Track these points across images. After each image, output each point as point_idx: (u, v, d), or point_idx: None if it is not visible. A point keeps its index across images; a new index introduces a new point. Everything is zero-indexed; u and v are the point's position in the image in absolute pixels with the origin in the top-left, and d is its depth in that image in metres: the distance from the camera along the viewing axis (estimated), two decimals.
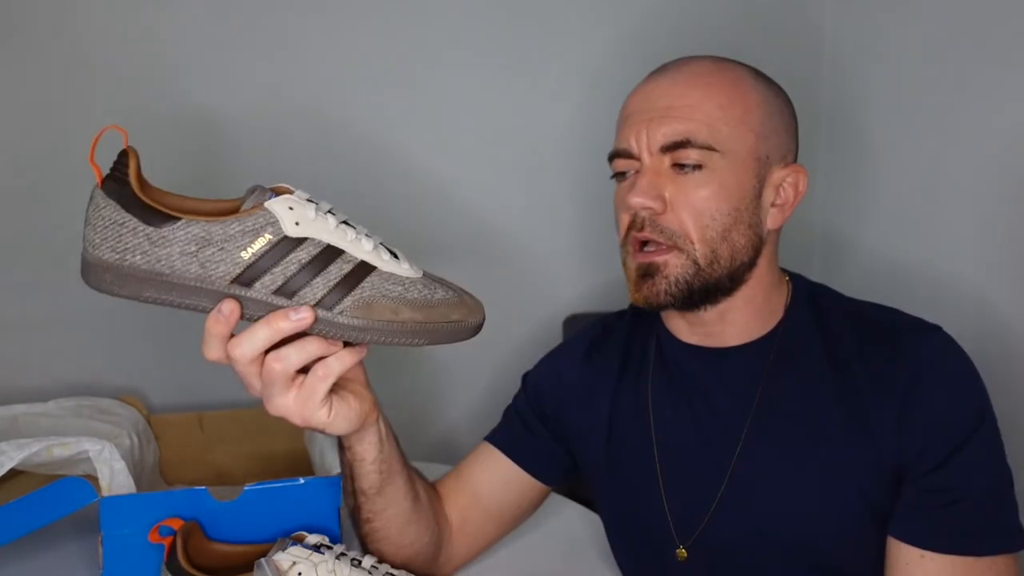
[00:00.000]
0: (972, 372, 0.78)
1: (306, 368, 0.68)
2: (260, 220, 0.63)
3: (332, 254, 0.65)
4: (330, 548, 0.79)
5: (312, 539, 0.79)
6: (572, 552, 1.03)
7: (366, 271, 0.66)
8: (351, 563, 0.78)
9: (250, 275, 0.64)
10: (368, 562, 0.80)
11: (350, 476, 0.81)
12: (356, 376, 0.76)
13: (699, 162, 0.80)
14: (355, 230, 0.67)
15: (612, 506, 0.94)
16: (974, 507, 0.75)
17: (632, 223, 0.83)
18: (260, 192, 0.65)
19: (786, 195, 0.84)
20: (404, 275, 0.67)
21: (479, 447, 0.98)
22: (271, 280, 0.64)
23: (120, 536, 0.87)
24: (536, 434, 0.97)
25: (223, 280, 0.64)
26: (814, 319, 0.85)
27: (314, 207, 0.65)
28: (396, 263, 0.67)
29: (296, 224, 0.64)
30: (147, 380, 1.30)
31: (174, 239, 0.63)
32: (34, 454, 0.90)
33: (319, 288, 0.65)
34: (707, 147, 0.80)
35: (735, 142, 0.81)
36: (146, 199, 0.64)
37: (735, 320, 0.85)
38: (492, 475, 0.95)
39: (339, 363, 0.68)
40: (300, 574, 0.74)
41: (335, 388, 0.71)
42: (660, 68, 0.86)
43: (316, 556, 0.76)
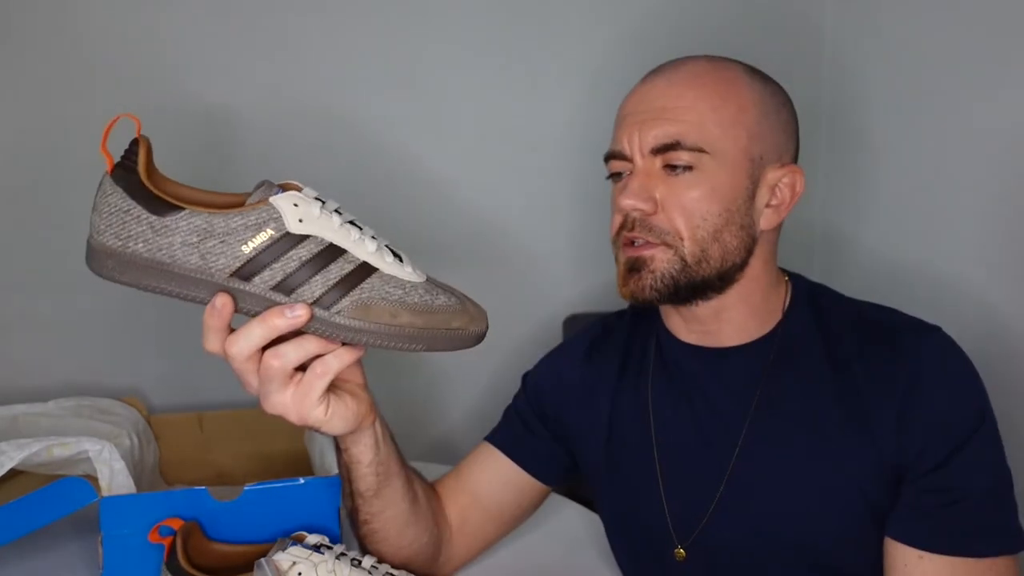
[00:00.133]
0: (972, 372, 0.79)
1: (304, 366, 0.68)
2: (263, 215, 0.63)
3: (334, 253, 0.65)
4: (330, 548, 0.79)
5: (312, 539, 0.79)
6: (572, 552, 1.03)
7: (367, 272, 0.65)
8: (351, 563, 0.78)
9: (250, 269, 0.63)
10: (368, 562, 0.80)
11: (347, 478, 0.82)
12: (354, 377, 0.75)
13: (689, 163, 0.80)
14: (360, 231, 0.66)
15: (612, 506, 0.94)
16: (973, 508, 0.75)
17: (624, 223, 0.83)
18: (267, 187, 0.64)
19: (782, 196, 0.84)
20: (406, 279, 0.66)
21: (479, 447, 0.98)
22: (270, 275, 0.64)
23: (120, 536, 0.87)
24: (536, 434, 0.97)
25: (223, 273, 0.63)
26: (814, 319, 0.85)
27: (319, 205, 0.65)
28: (399, 266, 0.67)
29: (299, 221, 0.63)
30: (147, 380, 1.30)
31: (176, 229, 0.63)
32: (34, 454, 0.90)
33: (318, 286, 0.64)
34: (697, 149, 0.80)
35: (727, 143, 0.80)
36: (152, 188, 0.63)
37: (732, 319, 0.85)
38: (492, 475, 0.95)
39: (337, 361, 0.68)
40: (300, 574, 0.74)
41: (332, 388, 0.71)
42: (656, 69, 0.86)
43: (316, 556, 0.76)
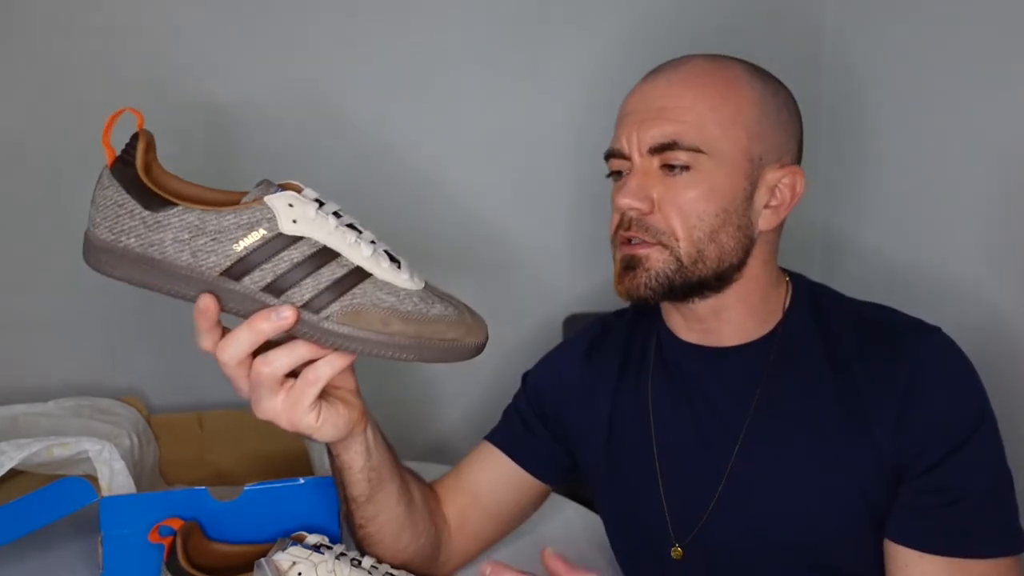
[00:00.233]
0: (972, 373, 0.78)
1: (296, 372, 0.67)
2: (257, 214, 0.62)
3: (327, 256, 0.63)
4: (330, 548, 0.79)
5: (312, 539, 0.79)
6: (572, 552, 1.03)
7: (360, 277, 0.64)
8: (351, 563, 0.78)
9: (240, 269, 0.62)
10: (368, 562, 0.80)
11: (340, 483, 0.81)
12: (346, 383, 0.74)
13: (687, 164, 0.80)
14: (358, 234, 0.65)
15: (612, 506, 0.94)
16: (973, 508, 0.75)
17: (621, 222, 0.83)
18: (265, 186, 0.63)
19: (782, 196, 0.83)
20: (401, 286, 0.65)
21: (479, 446, 0.98)
22: (260, 276, 0.62)
23: (120, 536, 0.87)
24: (536, 434, 0.97)
25: (213, 271, 0.62)
26: (814, 319, 0.85)
27: (315, 207, 0.63)
28: (395, 272, 0.65)
29: (293, 222, 0.62)
30: (147, 380, 1.30)
31: (168, 225, 0.62)
32: (34, 454, 0.91)
33: (308, 289, 0.63)
34: (694, 149, 0.79)
35: (726, 143, 0.80)
36: (148, 183, 0.62)
37: (731, 318, 0.85)
38: (492, 474, 0.95)
39: (329, 367, 0.66)
40: (300, 574, 0.74)
41: (324, 394, 0.70)
42: (657, 68, 0.86)
43: (316, 556, 0.76)
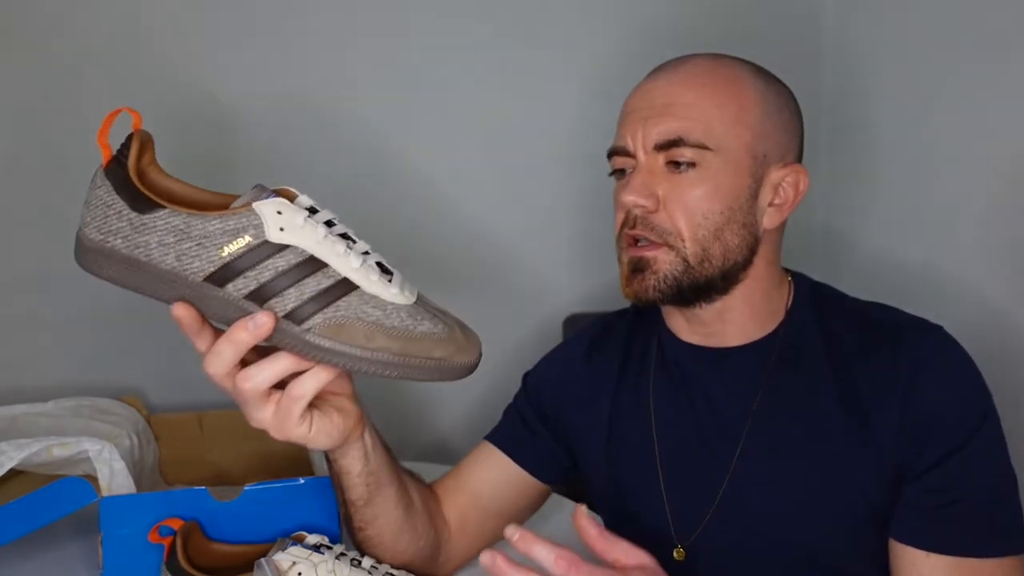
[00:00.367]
0: (974, 372, 0.78)
1: (286, 382, 0.66)
2: (243, 221, 0.61)
3: (313, 266, 0.62)
4: (330, 548, 0.79)
5: (312, 539, 0.79)
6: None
7: (347, 289, 0.62)
8: (351, 563, 0.78)
9: (224, 275, 0.61)
10: (368, 562, 0.80)
11: (338, 486, 0.81)
12: (343, 389, 0.73)
13: (693, 160, 0.80)
14: (348, 245, 0.63)
15: (612, 507, 0.94)
16: (976, 507, 0.75)
17: (626, 220, 0.83)
18: (256, 191, 0.62)
19: (785, 195, 0.83)
20: (390, 300, 0.63)
21: (479, 446, 0.97)
22: (244, 284, 0.61)
23: (120, 536, 0.87)
24: (536, 433, 0.96)
25: (196, 276, 0.61)
26: (816, 319, 0.85)
27: (305, 215, 0.62)
28: (385, 286, 0.63)
29: (280, 229, 0.61)
30: (147, 380, 1.30)
31: (154, 227, 0.61)
32: (34, 454, 0.91)
33: (291, 299, 0.61)
34: (701, 145, 0.79)
35: (730, 141, 0.80)
36: (138, 184, 0.62)
37: (734, 319, 0.85)
38: (492, 474, 0.95)
39: (313, 382, 0.65)
40: (300, 574, 0.74)
41: (318, 403, 0.69)
42: (660, 66, 0.86)
43: (316, 556, 0.76)
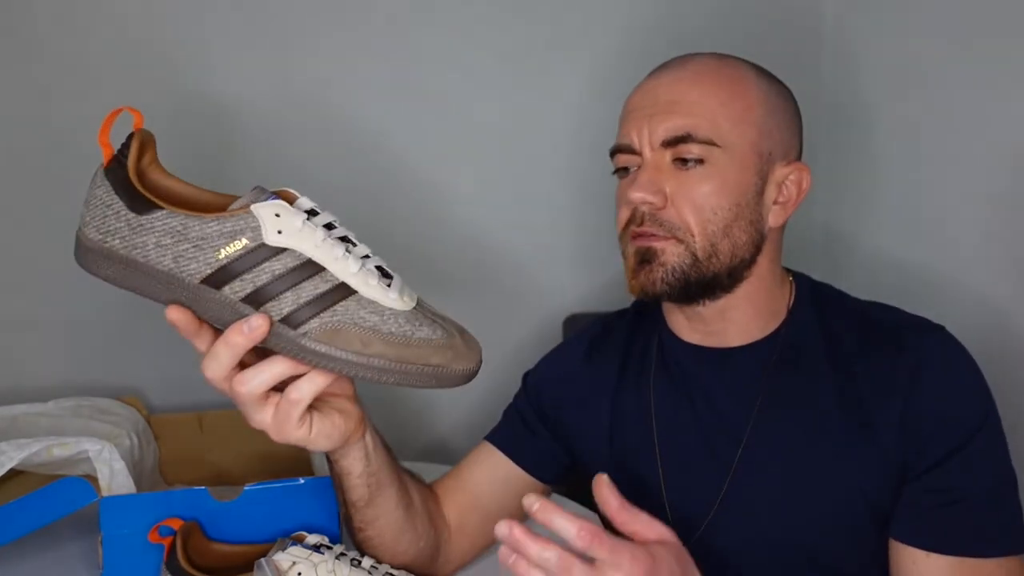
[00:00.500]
0: (975, 372, 0.78)
1: (285, 384, 0.65)
2: (241, 223, 0.60)
3: (311, 269, 0.61)
4: (330, 548, 0.79)
5: (312, 539, 0.79)
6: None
7: (344, 294, 0.61)
8: (351, 563, 0.78)
9: (220, 277, 0.61)
10: (368, 562, 0.80)
11: (339, 487, 0.81)
12: (344, 390, 0.73)
13: (700, 157, 0.80)
14: (348, 249, 0.62)
15: None
16: (977, 507, 0.75)
17: (632, 218, 0.82)
18: (256, 193, 0.62)
19: (789, 193, 0.84)
20: (388, 305, 0.62)
21: (479, 447, 0.97)
22: (240, 286, 0.61)
23: (120, 536, 0.86)
24: (536, 433, 0.96)
25: (193, 278, 0.61)
26: (817, 319, 0.85)
27: (303, 217, 0.61)
28: (383, 291, 0.62)
29: (278, 232, 0.60)
30: (147, 380, 1.30)
31: (152, 228, 0.60)
32: (34, 454, 0.90)
33: (287, 303, 0.61)
34: (708, 142, 0.80)
35: (737, 137, 0.80)
36: (137, 184, 0.61)
37: (736, 319, 0.85)
38: (491, 474, 0.95)
39: (310, 386, 0.65)
40: (300, 574, 0.74)
41: (318, 404, 0.69)
42: (663, 65, 0.86)
43: (316, 556, 0.76)
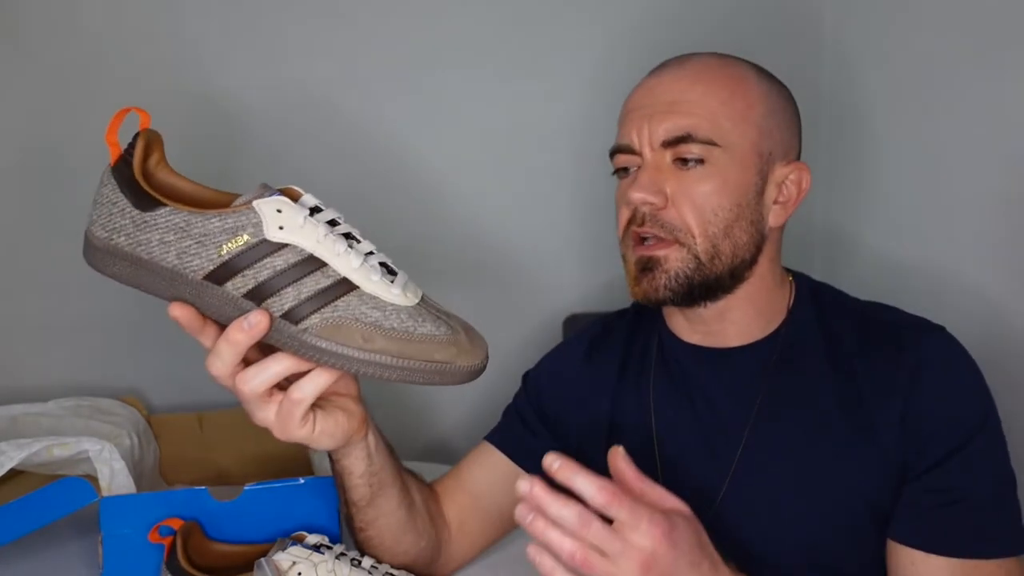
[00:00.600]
0: (975, 372, 0.78)
1: (290, 381, 0.66)
2: (242, 219, 0.61)
3: (312, 265, 0.61)
4: (330, 548, 0.79)
5: (312, 539, 0.79)
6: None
7: (346, 289, 0.61)
8: (351, 563, 0.78)
9: (223, 273, 0.61)
10: (368, 562, 0.80)
11: (340, 486, 0.81)
12: (348, 390, 0.73)
13: (701, 156, 0.80)
14: (349, 244, 0.62)
15: None
16: (976, 508, 0.75)
17: (632, 218, 0.82)
18: (259, 190, 0.62)
19: (789, 192, 0.84)
20: (390, 300, 0.62)
21: (479, 446, 0.97)
22: (242, 282, 0.61)
23: (120, 536, 0.87)
24: (536, 433, 0.96)
25: (196, 274, 0.61)
26: (817, 319, 0.85)
27: (305, 213, 0.61)
28: (386, 286, 0.62)
29: (280, 228, 0.61)
30: (147, 380, 1.30)
31: (156, 225, 0.61)
32: (34, 454, 0.91)
33: (288, 298, 0.61)
34: (709, 142, 0.79)
35: (737, 137, 0.80)
36: (142, 182, 0.62)
37: (736, 319, 0.85)
38: (491, 474, 0.94)
39: (313, 385, 0.65)
40: (300, 574, 0.74)
41: (322, 403, 0.69)
42: (662, 64, 0.86)
43: (316, 556, 0.76)
